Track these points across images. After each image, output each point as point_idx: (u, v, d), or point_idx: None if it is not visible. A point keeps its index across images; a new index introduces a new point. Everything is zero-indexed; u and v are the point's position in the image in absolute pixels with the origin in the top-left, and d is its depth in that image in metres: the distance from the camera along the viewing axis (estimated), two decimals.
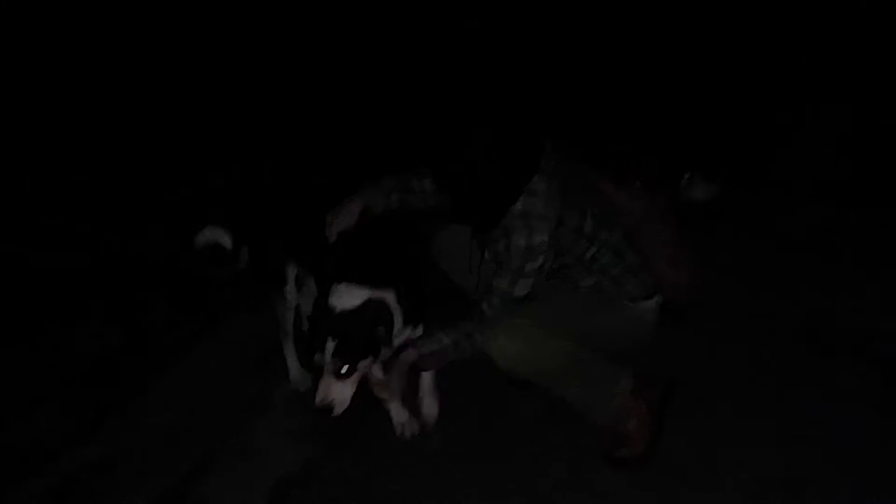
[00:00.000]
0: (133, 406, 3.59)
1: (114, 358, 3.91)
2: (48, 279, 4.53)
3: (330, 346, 2.68)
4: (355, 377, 2.74)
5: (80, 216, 5.20)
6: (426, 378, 3.28)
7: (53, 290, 4.44)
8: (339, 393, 2.72)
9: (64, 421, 3.51)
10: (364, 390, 2.88)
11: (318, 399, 2.71)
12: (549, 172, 2.73)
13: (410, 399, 3.25)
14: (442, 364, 2.95)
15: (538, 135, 2.77)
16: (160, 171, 5.77)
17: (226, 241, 3.44)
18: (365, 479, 3.15)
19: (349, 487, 3.12)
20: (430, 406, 3.33)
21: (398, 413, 3.31)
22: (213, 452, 3.31)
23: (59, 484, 3.21)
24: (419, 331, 3.04)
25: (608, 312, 3.00)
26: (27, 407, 3.60)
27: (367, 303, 2.76)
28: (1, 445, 3.42)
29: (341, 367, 2.69)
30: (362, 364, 2.74)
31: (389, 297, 2.83)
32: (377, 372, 3.10)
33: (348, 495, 3.08)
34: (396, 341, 2.93)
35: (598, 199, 2.87)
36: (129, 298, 4.34)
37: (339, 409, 2.73)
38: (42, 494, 3.16)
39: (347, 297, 2.76)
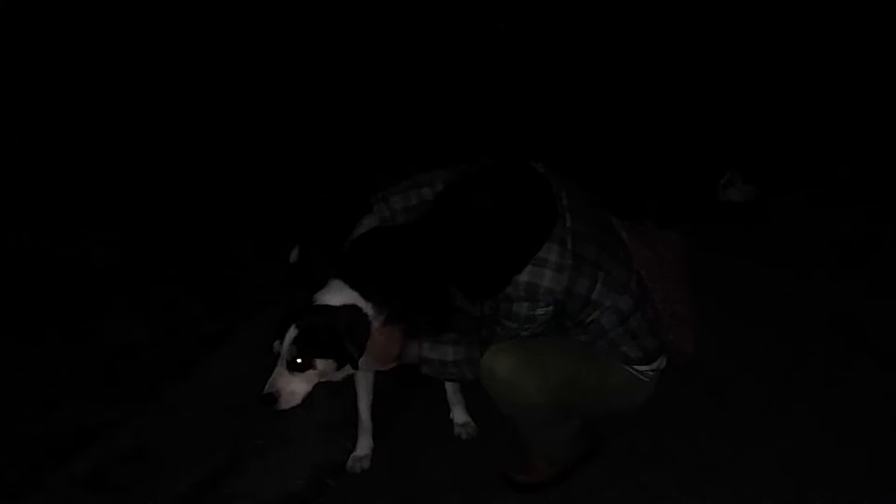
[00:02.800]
0: (168, 397, 3.56)
1: (144, 349, 3.90)
2: (77, 270, 4.53)
3: (291, 333, 2.58)
4: (310, 375, 2.62)
5: (111, 209, 5.20)
6: (450, 386, 3.23)
7: (82, 282, 4.43)
8: (287, 384, 2.60)
9: (96, 411, 3.48)
10: (402, 379, 2.82)
11: (266, 387, 2.60)
12: (560, 237, 2.49)
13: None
14: (437, 376, 2.82)
15: (550, 189, 2.51)
16: (190, 166, 5.74)
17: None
18: (403, 470, 3.11)
19: (386, 478, 3.07)
20: (459, 417, 3.27)
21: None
22: (248, 442, 3.28)
23: (94, 471, 3.17)
24: None
25: (600, 367, 2.74)
26: (60, 398, 3.57)
27: (348, 307, 2.65)
28: (35, 435, 3.38)
29: (296, 358, 2.58)
30: (320, 364, 2.61)
31: (377, 311, 2.70)
32: None
33: (385, 486, 3.04)
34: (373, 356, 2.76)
35: (611, 259, 2.59)
36: (158, 291, 4.33)
37: (284, 404, 2.60)
38: (77, 482, 3.12)
39: (331, 294, 2.68)
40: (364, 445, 3.16)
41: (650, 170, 4.87)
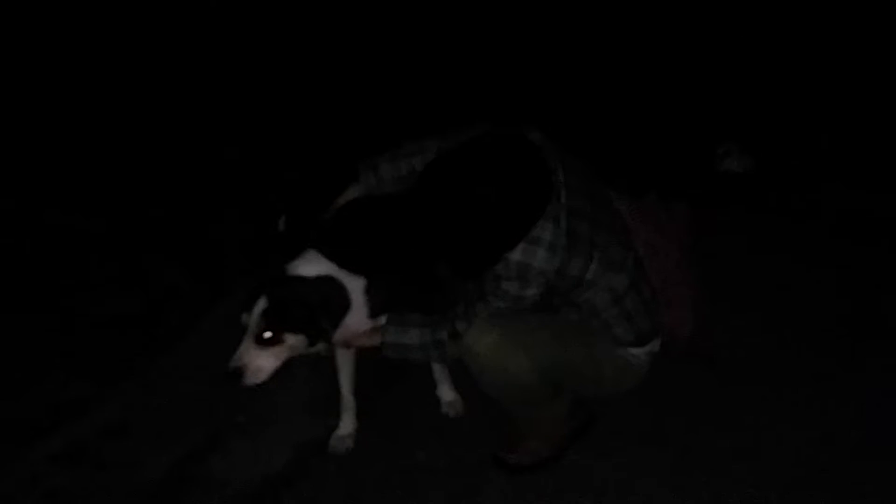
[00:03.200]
0: (148, 371, 3.47)
1: (128, 322, 3.79)
2: (62, 239, 4.41)
3: (260, 305, 2.45)
4: (279, 350, 2.49)
5: (98, 176, 5.08)
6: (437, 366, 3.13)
7: (67, 252, 4.33)
8: (254, 359, 2.47)
9: (76, 385, 3.39)
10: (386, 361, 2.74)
11: (231, 362, 2.48)
12: (554, 214, 2.38)
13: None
14: (401, 358, 2.69)
15: (546, 162, 2.38)
16: (178, 138, 5.61)
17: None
18: (388, 451, 3.02)
19: (370, 458, 2.99)
20: (446, 394, 3.18)
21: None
22: (230, 419, 3.19)
23: (73, 447, 3.09)
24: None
25: (591, 348, 2.64)
26: (40, 370, 3.48)
27: (323, 279, 2.53)
28: (13, 409, 3.30)
29: (264, 331, 2.45)
30: (290, 339, 2.48)
31: (355, 284, 2.59)
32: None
33: (370, 465, 2.96)
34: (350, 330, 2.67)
35: (607, 236, 2.48)
36: (144, 263, 4.22)
37: (250, 379, 2.48)
38: (55, 457, 3.04)
39: (305, 265, 2.55)
40: (347, 424, 3.07)
41: (647, 140, 4.77)
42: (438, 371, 3.14)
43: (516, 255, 2.39)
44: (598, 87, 5.80)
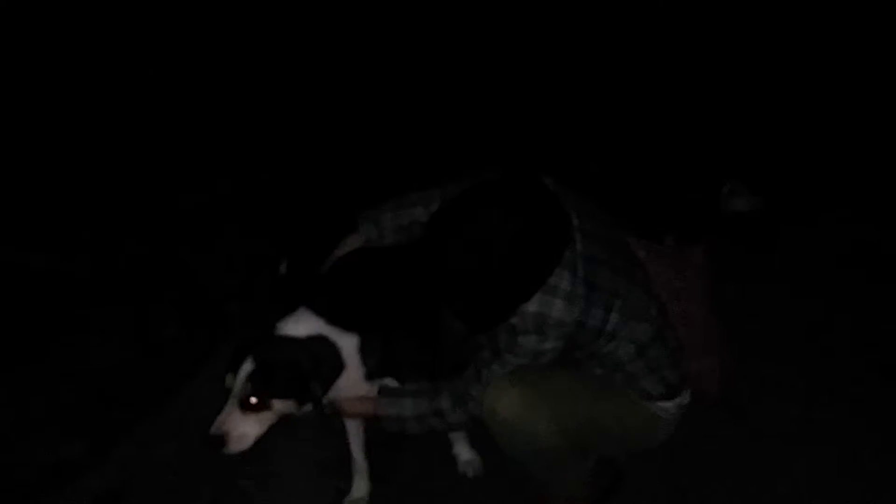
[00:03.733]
0: (144, 430, 3.27)
1: (120, 375, 3.59)
2: (44, 284, 4.19)
3: (246, 367, 2.28)
4: (265, 417, 2.31)
5: (84, 217, 4.83)
6: None
7: (51, 297, 4.10)
8: (238, 426, 2.29)
9: (69, 445, 3.19)
10: None
11: (213, 427, 2.30)
12: (571, 262, 2.22)
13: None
14: (401, 431, 2.51)
15: (562, 208, 2.21)
16: (172, 175, 5.37)
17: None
18: None
19: None
20: (463, 453, 3.01)
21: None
22: (231, 484, 3.00)
23: None
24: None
25: (618, 404, 2.46)
26: (29, 427, 3.28)
27: (314, 339, 2.35)
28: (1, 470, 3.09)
29: (249, 397, 2.27)
30: (277, 404, 2.30)
31: (348, 342, 2.40)
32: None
33: None
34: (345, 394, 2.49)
35: (628, 284, 2.31)
36: (138, 310, 3.99)
37: (233, 447, 2.30)
38: None
39: (295, 324, 2.38)
40: (360, 488, 2.89)
41: (656, 182, 4.66)
42: None
43: (532, 306, 2.21)
44: (603, 128, 5.69)
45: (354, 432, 2.84)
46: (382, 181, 4.28)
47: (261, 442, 2.38)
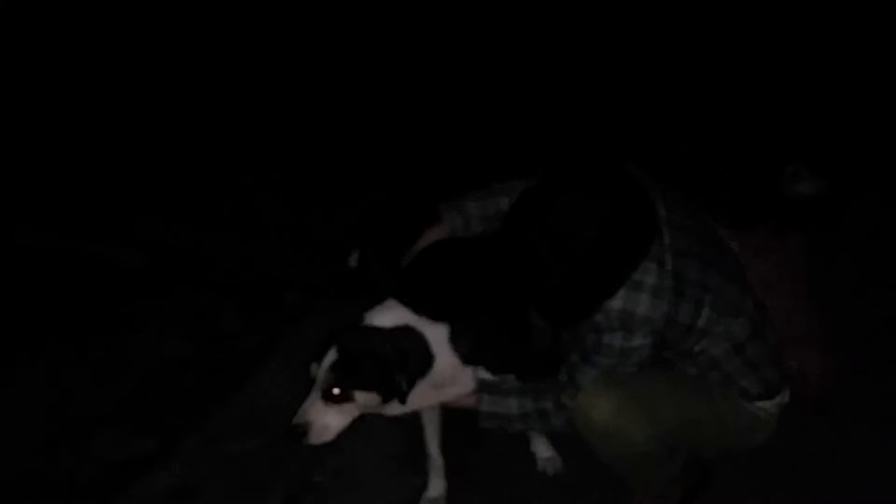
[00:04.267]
0: (211, 425, 3.20)
1: (181, 369, 3.52)
2: (107, 276, 4.10)
3: (331, 356, 2.22)
4: (348, 409, 2.25)
5: (139, 206, 4.74)
6: None
7: (108, 289, 4.01)
8: (320, 417, 2.23)
9: (136, 442, 3.14)
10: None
11: (295, 418, 2.24)
12: (658, 255, 2.14)
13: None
14: (499, 428, 2.44)
15: (648, 198, 2.13)
16: (225, 165, 5.26)
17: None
18: None
19: None
20: (543, 451, 2.92)
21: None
22: (306, 480, 2.94)
23: None
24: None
25: (715, 406, 2.38)
26: (92, 425, 3.21)
27: (401, 330, 2.28)
28: (62, 471, 3.02)
29: (333, 387, 2.21)
30: (361, 397, 2.23)
31: (437, 332, 2.32)
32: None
33: None
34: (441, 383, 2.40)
35: (719, 277, 2.22)
36: (195, 301, 3.91)
37: (315, 438, 2.24)
38: None
39: (382, 314, 2.31)
40: (437, 486, 2.81)
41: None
42: None
43: (617, 302, 2.14)
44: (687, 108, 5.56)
45: (431, 428, 2.76)
46: (453, 176, 4.14)
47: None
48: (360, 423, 2.81)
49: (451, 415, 2.73)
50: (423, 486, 2.82)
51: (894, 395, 3.12)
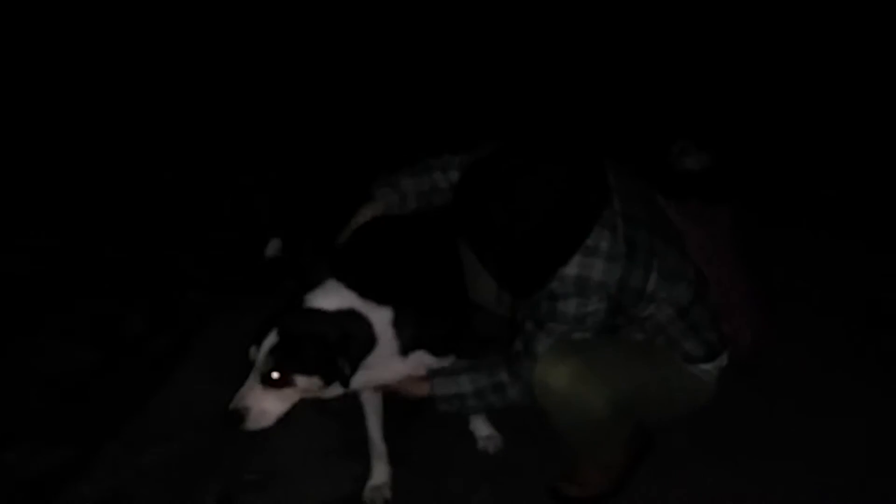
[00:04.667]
0: (129, 430, 3.04)
1: (91, 377, 3.33)
2: (6, 289, 3.86)
3: (271, 339, 2.14)
4: (288, 394, 2.17)
5: (33, 214, 4.51)
6: None
7: (12, 302, 3.79)
8: (258, 402, 2.15)
9: (49, 453, 2.94)
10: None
11: (232, 402, 2.16)
12: (610, 221, 2.15)
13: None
14: (458, 411, 2.43)
15: (599, 164, 2.17)
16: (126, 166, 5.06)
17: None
18: (430, 497, 2.73)
19: None
20: (482, 429, 2.90)
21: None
22: (237, 479, 2.82)
23: None
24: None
25: (662, 369, 2.41)
26: (3, 440, 3.01)
27: (344, 313, 2.20)
28: None
29: (272, 370, 2.13)
30: (302, 381, 2.15)
31: (380, 315, 2.24)
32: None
33: None
34: (375, 373, 2.34)
35: (664, 244, 2.25)
36: (97, 310, 3.72)
37: (252, 424, 2.16)
38: None
39: (324, 296, 2.22)
40: (381, 472, 2.75)
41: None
42: None
43: (572, 268, 2.15)
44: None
45: (373, 415, 2.70)
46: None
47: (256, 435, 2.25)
48: (292, 419, 2.78)
49: (386, 401, 2.70)
50: (363, 476, 2.76)
51: (815, 356, 3.25)
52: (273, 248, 2.87)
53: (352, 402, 2.71)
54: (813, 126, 5.29)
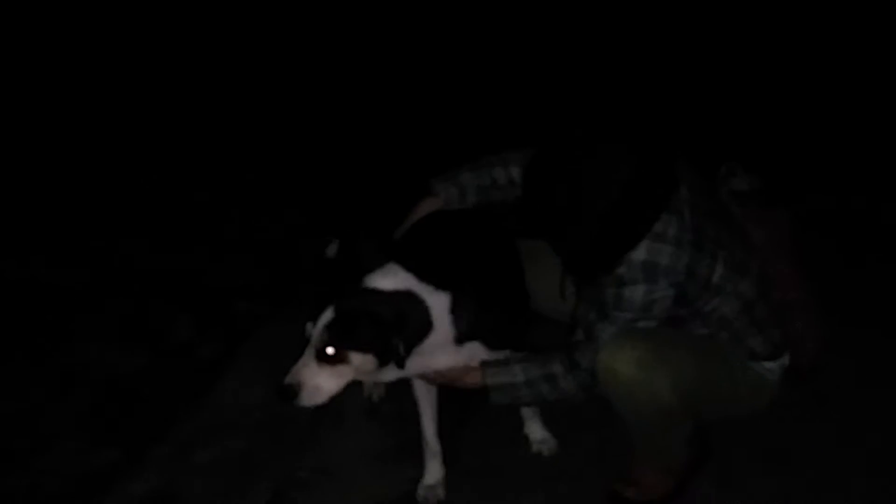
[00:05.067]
0: (179, 432, 3.03)
1: (141, 381, 3.34)
2: (52, 297, 3.88)
3: (326, 316, 2.14)
4: (342, 371, 2.16)
5: (79, 224, 4.55)
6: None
7: (52, 309, 3.80)
8: (312, 377, 2.14)
9: (91, 455, 2.94)
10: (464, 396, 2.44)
11: (287, 377, 2.16)
12: (678, 208, 2.15)
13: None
14: (511, 402, 2.41)
15: (668, 151, 2.18)
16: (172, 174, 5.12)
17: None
18: (486, 498, 2.68)
19: None
20: (536, 432, 2.84)
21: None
22: (290, 476, 2.80)
23: None
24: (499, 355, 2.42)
25: (728, 364, 2.38)
26: (48, 437, 3.02)
27: (402, 294, 2.20)
28: (18, 488, 2.82)
29: (326, 346, 2.13)
30: (356, 359, 2.15)
31: (438, 300, 2.22)
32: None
33: None
34: (429, 360, 2.33)
35: (730, 237, 2.27)
36: (146, 317, 3.74)
37: (305, 399, 2.15)
38: None
39: (383, 277, 2.22)
40: (434, 472, 2.70)
41: None
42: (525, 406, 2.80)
43: (640, 253, 2.14)
44: None
45: (427, 411, 2.65)
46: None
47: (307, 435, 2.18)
48: (343, 420, 2.75)
49: (441, 398, 2.66)
50: (415, 478, 2.71)
51: (873, 362, 3.18)
52: (332, 249, 2.86)
53: (405, 407, 2.73)
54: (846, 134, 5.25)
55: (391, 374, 2.28)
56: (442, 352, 2.32)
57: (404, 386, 2.61)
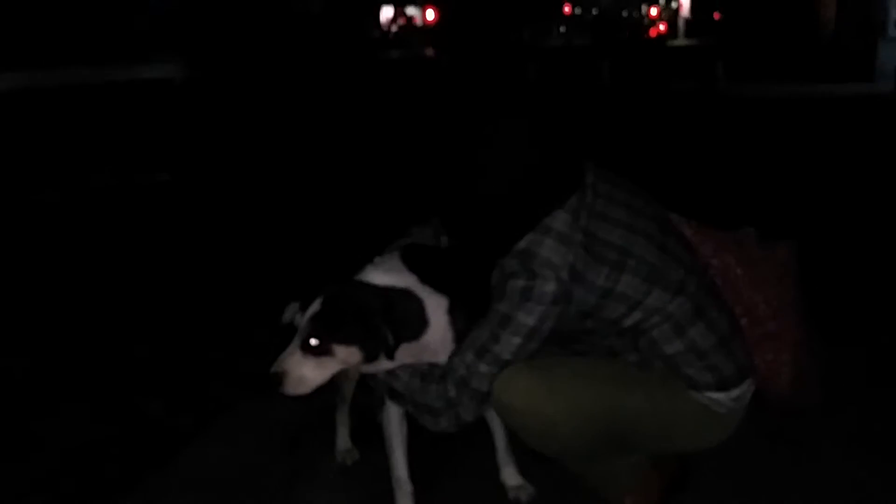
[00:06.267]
0: (151, 487, 2.97)
1: (114, 444, 3.29)
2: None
3: (314, 306, 2.20)
4: (327, 363, 2.20)
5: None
6: (499, 435, 2.76)
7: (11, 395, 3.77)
8: (296, 367, 2.19)
9: None
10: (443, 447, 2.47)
11: (273, 365, 2.20)
12: (574, 209, 2.17)
13: None
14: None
15: (577, 156, 2.24)
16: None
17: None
18: None
19: None
20: (511, 479, 2.81)
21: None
22: None
23: None
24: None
25: (657, 393, 2.30)
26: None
27: (397, 290, 2.25)
28: None
29: (311, 336, 2.18)
30: (340, 351, 2.19)
31: (437, 301, 2.29)
32: None
33: None
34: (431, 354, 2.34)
35: (656, 251, 2.21)
36: (111, 397, 3.70)
37: (290, 388, 2.19)
38: None
39: (381, 272, 2.28)
40: None
41: None
42: (502, 451, 2.80)
43: (522, 243, 2.16)
44: None
45: (398, 447, 2.62)
46: None
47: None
48: (316, 476, 2.70)
49: (411, 442, 2.64)
50: None
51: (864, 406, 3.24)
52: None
53: (378, 462, 2.71)
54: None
55: (378, 366, 2.31)
56: (444, 352, 2.33)
57: (378, 445, 2.64)
